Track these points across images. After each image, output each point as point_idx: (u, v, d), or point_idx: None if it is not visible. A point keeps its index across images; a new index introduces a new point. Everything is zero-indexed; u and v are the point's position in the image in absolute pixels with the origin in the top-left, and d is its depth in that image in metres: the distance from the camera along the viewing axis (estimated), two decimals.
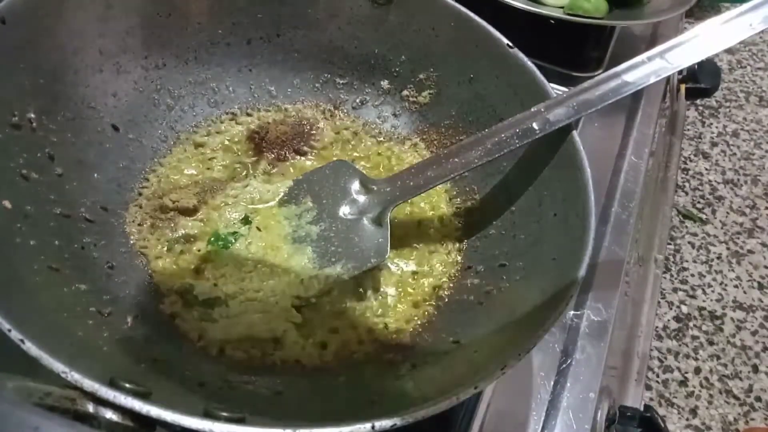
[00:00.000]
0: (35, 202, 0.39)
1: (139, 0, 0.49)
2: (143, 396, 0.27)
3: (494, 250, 0.46)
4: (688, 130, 1.39)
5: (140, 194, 0.48)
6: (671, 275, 1.13)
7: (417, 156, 0.55)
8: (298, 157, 0.53)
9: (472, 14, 0.51)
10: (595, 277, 0.51)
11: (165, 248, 0.45)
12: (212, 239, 0.46)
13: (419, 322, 0.44)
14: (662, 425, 0.43)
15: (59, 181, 0.42)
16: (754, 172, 1.32)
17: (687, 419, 0.95)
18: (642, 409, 0.46)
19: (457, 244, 0.49)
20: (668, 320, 1.07)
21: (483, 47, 0.51)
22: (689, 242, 1.19)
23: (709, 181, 1.30)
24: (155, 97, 0.51)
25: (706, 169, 1.32)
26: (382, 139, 0.56)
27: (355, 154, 0.54)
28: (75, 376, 0.26)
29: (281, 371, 0.40)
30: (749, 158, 1.35)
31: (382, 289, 0.45)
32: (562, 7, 0.71)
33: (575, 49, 0.72)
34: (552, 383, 0.44)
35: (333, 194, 0.48)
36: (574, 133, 0.44)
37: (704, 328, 1.06)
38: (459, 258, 0.48)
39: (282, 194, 0.49)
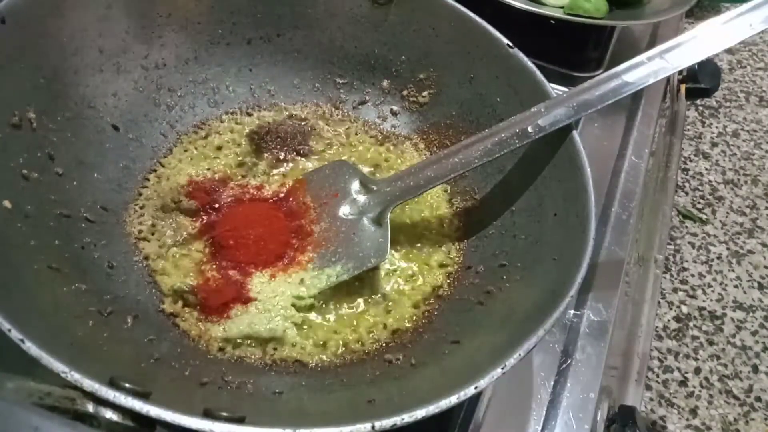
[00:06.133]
0: (35, 202, 0.39)
1: (139, 0, 0.49)
2: (143, 396, 0.27)
3: (494, 250, 0.46)
4: (688, 130, 1.39)
5: (140, 194, 0.48)
6: (671, 275, 1.13)
7: (417, 156, 0.55)
8: (298, 157, 0.53)
9: (472, 14, 0.51)
10: (595, 277, 0.51)
11: (165, 248, 0.45)
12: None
13: (419, 322, 0.44)
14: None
15: (59, 181, 0.42)
16: (754, 172, 1.32)
17: (687, 419, 0.95)
18: (642, 409, 0.46)
19: (457, 244, 0.49)
20: (668, 320, 1.07)
21: (483, 47, 0.51)
22: (689, 242, 1.18)
23: (709, 181, 1.30)
24: (155, 96, 0.51)
25: (706, 169, 1.32)
26: (382, 139, 0.56)
27: (355, 154, 0.54)
28: (75, 376, 0.26)
29: (281, 371, 0.40)
30: (749, 158, 1.35)
31: (381, 289, 0.45)
32: (562, 7, 0.71)
33: (575, 49, 0.72)
34: (552, 383, 0.44)
35: (333, 194, 0.48)
36: (574, 133, 0.44)
37: (704, 328, 1.06)
38: (459, 258, 0.48)
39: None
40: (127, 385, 0.27)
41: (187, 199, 0.47)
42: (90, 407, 0.26)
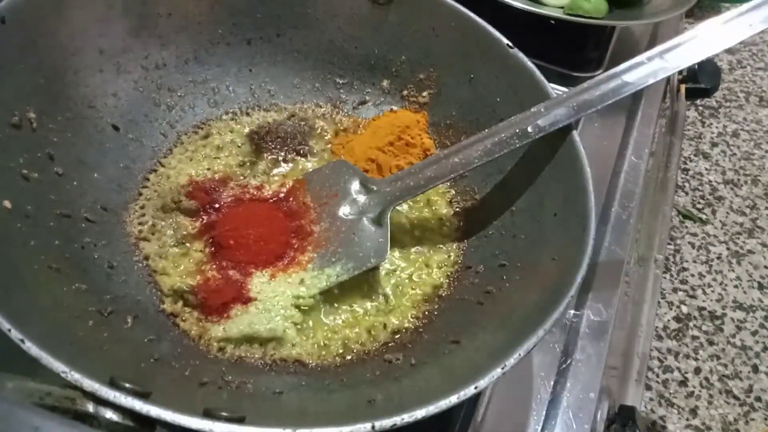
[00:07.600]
0: (35, 202, 0.39)
1: (139, 0, 0.49)
2: (143, 396, 0.27)
3: (494, 250, 0.46)
4: (688, 130, 1.39)
5: (140, 194, 0.48)
6: (671, 275, 1.13)
7: None
8: (298, 157, 0.53)
9: (472, 14, 0.51)
10: (595, 277, 0.51)
11: (165, 248, 0.45)
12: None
13: (419, 322, 0.44)
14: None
15: (59, 181, 0.42)
16: (754, 172, 1.32)
17: (687, 419, 0.95)
18: (642, 409, 0.46)
19: (457, 244, 0.49)
20: (668, 320, 1.07)
21: (483, 47, 0.51)
22: (689, 242, 1.18)
23: (709, 181, 1.30)
24: (155, 96, 0.51)
25: (706, 169, 1.32)
26: None
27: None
28: (75, 376, 0.26)
29: (281, 371, 0.40)
30: (749, 158, 1.35)
31: (381, 289, 0.45)
32: (562, 7, 0.71)
33: (575, 49, 0.72)
34: (552, 383, 0.44)
35: (333, 194, 0.48)
36: (574, 133, 0.44)
37: (704, 328, 1.06)
38: (459, 258, 0.48)
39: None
40: (127, 385, 0.27)
41: (187, 199, 0.47)
42: (90, 407, 0.26)
